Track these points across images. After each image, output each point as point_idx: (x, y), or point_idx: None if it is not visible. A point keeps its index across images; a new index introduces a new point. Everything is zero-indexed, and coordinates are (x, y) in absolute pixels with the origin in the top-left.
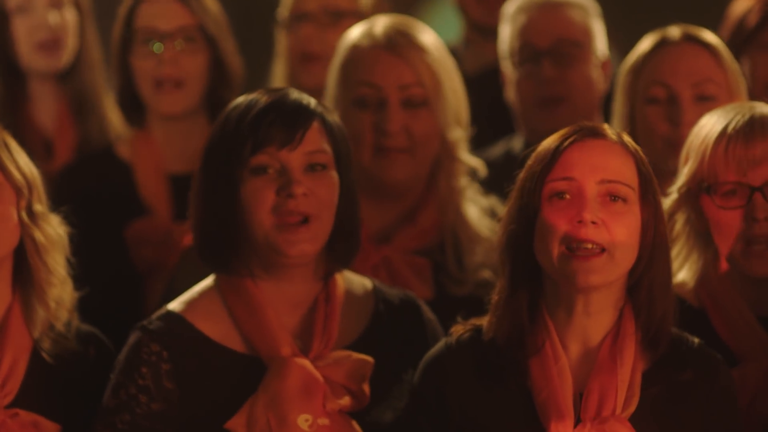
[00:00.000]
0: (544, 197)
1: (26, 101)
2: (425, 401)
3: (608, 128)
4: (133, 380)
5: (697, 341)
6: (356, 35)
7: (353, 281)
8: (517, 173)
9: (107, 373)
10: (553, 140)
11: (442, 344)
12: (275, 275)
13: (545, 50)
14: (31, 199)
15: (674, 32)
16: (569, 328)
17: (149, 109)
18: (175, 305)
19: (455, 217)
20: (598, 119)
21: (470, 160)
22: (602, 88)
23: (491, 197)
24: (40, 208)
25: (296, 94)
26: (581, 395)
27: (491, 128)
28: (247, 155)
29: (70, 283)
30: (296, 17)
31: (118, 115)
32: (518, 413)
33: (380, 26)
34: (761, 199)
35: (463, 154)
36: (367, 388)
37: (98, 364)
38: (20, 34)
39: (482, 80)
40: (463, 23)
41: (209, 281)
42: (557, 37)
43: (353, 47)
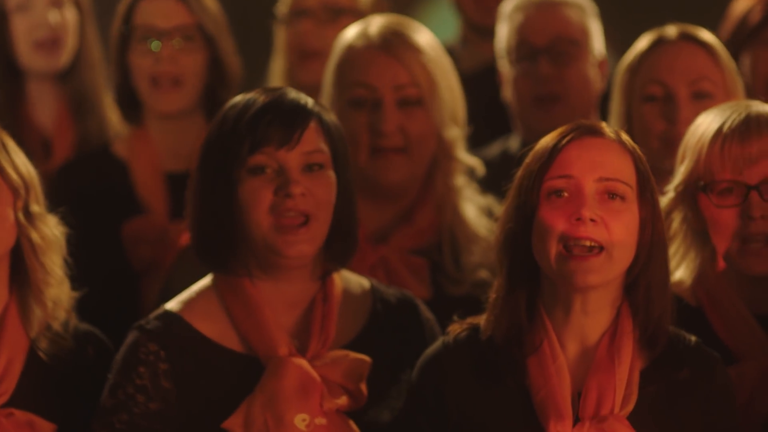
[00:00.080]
0: (542, 195)
1: (25, 101)
2: (423, 400)
3: (606, 126)
4: (130, 380)
5: (693, 339)
6: (351, 35)
7: (351, 281)
8: (514, 172)
9: (106, 372)
10: (551, 138)
11: (439, 343)
12: (273, 275)
13: (542, 48)
14: (28, 199)
15: (671, 31)
16: (567, 326)
17: (146, 107)
18: (172, 305)
19: (452, 216)
20: (594, 118)
21: (467, 159)
22: (599, 87)
23: (488, 196)
24: (37, 208)
25: (294, 93)
26: (579, 394)
27: (488, 128)
28: (244, 155)
29: (67, 283)
30: (295, 13)
31: (117, 115)
32: (516, 412)
33: (375, 26)
34: (757, 197)
35: (460, 153)
36: (364, 387)
37: (97, 363)
38: (19, 32)
39: (479, 79)
40: (460, 22)
41: (207, 281)
42: (554, 35)
43: (348, 48)
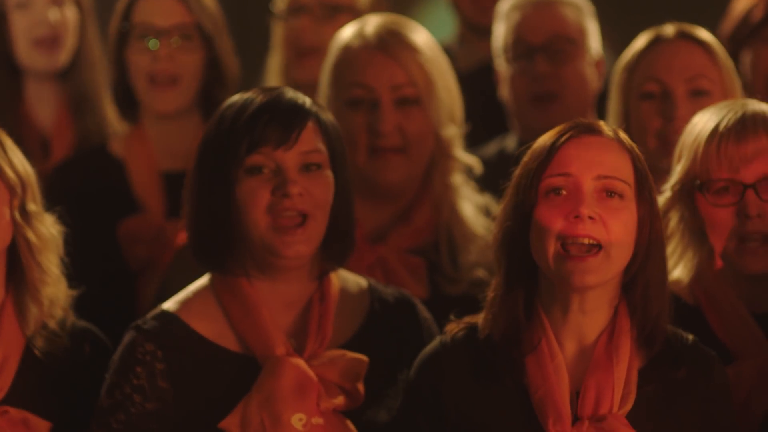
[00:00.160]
0: (540, 193)
1: (24, 100)
2: (421, 399)
3: (604, 125)
4: (127, 380)
5: (691, 338)
6: (347, 36)
7: (348, 280)
8: (511, 171)
9: (103, 369)
10: (549, 137)
11: (437, 342)
12: (270, 275)
13: (539, 46)
14: (24, 198)
15: (669, 30)
16: (565, 325)
17: (143, 106)
18: (169, 305)
19: (450, 214)
20: (591, 118)
21: (465, 157)
22: (596, 86)
23: (485, 195)
24: (33, 207)
25: (291, 93)
26: (578, 393)
27: (485, 127)
28: (242, 155)
29: (64, 281)
30: (293, 9)
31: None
32: (515, 411)
33: (371, 26)
34: (753, 196)
35: (458, 151)
36: (361, 387)
37: (93, 360)
38: (19, 30)
39: (476, 78)
40: (457, 21)
41: (204, 280)
42: (551, 33)
43: (345, 48)
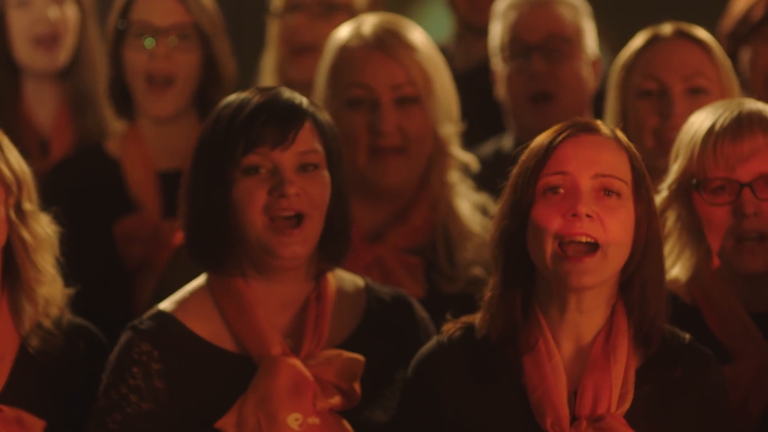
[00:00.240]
0: (537, 192)
1: (23, 98)
2: (418, 400)
3: (601, 124)
4: (124, 380)
5: (687, 337)
6: (345, 35)
7: (345, 279)
8: (508, 171)
9: (98, 365)
10: (546, 136)
11: (434, 342)
12: (267, 275)
13: (535, 45)
14: (20, 197)
15: (666, 29)
16: (562, 325)
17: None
18: (166, 305)
19: (447, 212)
20: (588, 117)
21: (462, 155)
22: (592, 86)
23: (482, 194)
24: (29, 206)
25: (288, 93)
26: (575, 393)
27: (482, 126)
28: (239, 155)
29: (60, 281)
30: (289, 7)
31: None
32: (513, 411)
33: (368, 26)
34: (750, 194)
35: (454, 149)
36: (357, 386)
37: (88, 357)
38: (18, 29)
39: (473, 78)
40: (453, 21)
41: (200, 281)
42: (547, 32)
43: (343, 48)
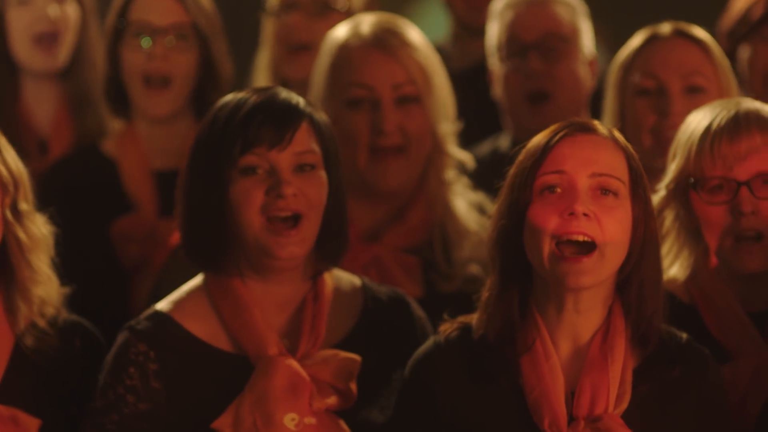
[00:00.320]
0: (534, 192)
1: (21, 98)
2: (415, 400)
3: (599, 123)
4: (120, 380)
5: (685, 337)
6: (343, 35)
7: (342, 279)
8: (505, 170)
9: (94, 362)
10: (543, 135)
11: (431, 342)
12: (264, 275)
13: (532, 44)
14: (16, 196)
15: (665, 28)
16: (559, 325)
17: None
18: (162, 305)
19: (443, 210)
20: (585, 117)
21: (458, 153)
22: (589, 86)
23: (479, 193)
24: (25, 206)
25: (285, 93)
26: (573, 393)
27: (479, 126)
28: (236, 155)
29: (55, 280)
30: (285, 6)
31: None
32: (510, 411)
33: (367, 25)
34: (747, 193)
35: (451, 147)
36: (354, 386)
37: (84, 354)
38: (18, 27)
39: (469, 78)
40: (450, 21)
41: (197, 281)
42: (544, 31)
43: (341, 47)
